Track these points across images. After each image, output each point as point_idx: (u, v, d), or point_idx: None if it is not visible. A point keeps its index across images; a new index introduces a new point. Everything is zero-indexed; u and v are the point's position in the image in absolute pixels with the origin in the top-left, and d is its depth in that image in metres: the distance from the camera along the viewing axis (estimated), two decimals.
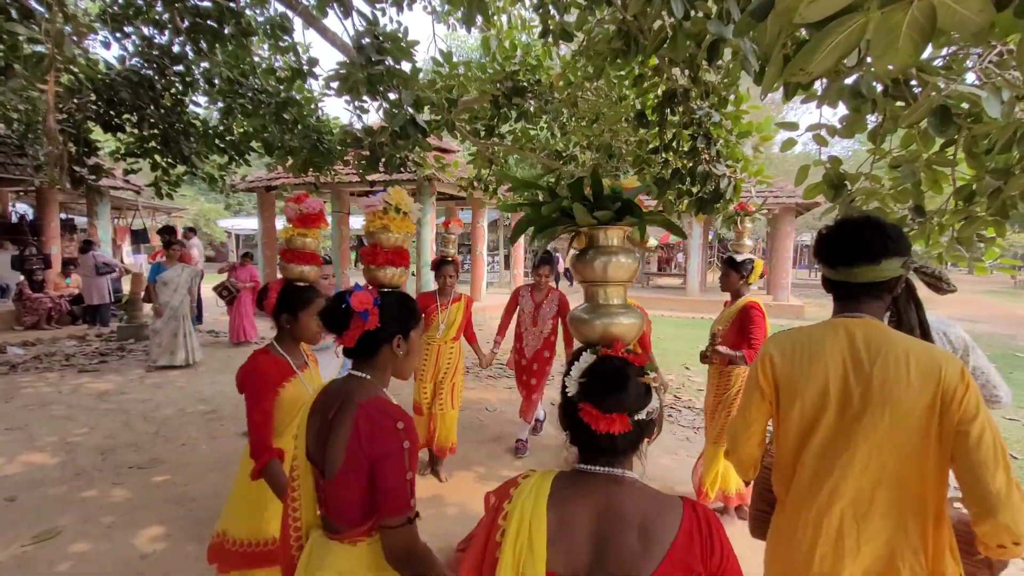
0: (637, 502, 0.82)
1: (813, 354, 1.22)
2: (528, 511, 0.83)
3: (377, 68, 2.67)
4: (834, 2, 0.65)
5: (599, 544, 0.80)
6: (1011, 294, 18.24)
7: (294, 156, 4.04)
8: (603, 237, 0.94)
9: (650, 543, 0.78)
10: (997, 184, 2.04)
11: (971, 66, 1.90)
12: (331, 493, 1.12)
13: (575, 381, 0.85)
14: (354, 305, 1.12)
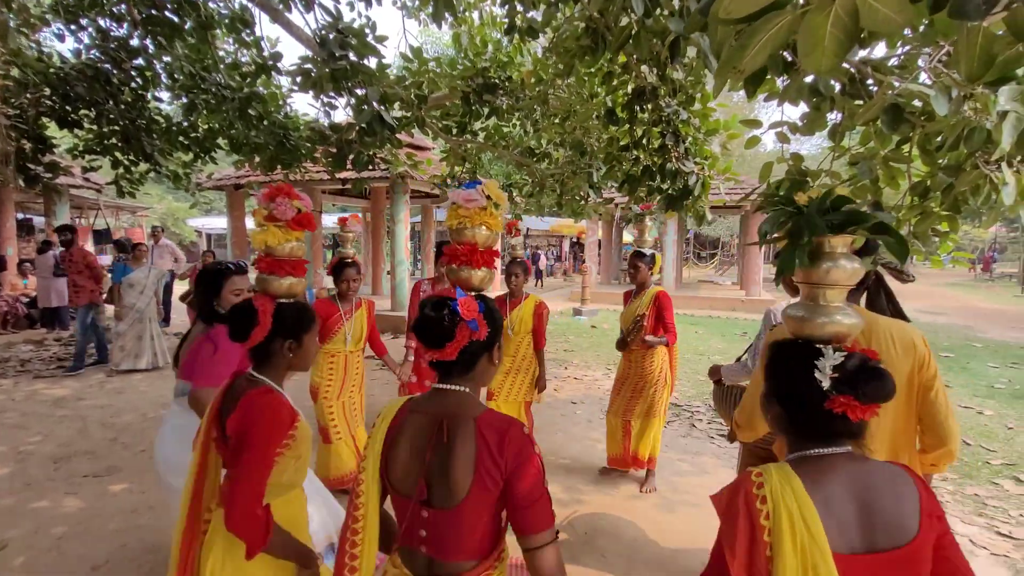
0: (879, 471, 0.91)
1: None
2: (793, 503, 0.86)
3: (340, 63, 2.62)
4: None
5: (866, 515, 0.86)
6: (971, 286, 19.00)
7: (260, 153, 3.95)
8: (828, 244, 0.97)
9: (903, 504, 0.87)
10: (949, 180, 2.10)
11: (922, 65, 1.96)
12: (448, 526, 0.99)
13: (827, 375, 0.90)
14: (463, 314, 1.02)
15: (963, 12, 0.91)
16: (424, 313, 1.05)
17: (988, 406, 5.06)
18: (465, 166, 5.36)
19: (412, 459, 1.03)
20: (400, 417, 1.08)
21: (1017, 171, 2.01)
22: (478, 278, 1.23)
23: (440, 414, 1.04)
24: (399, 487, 1.04)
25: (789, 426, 0.96)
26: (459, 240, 1.25)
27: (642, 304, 3.22)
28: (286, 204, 1.38)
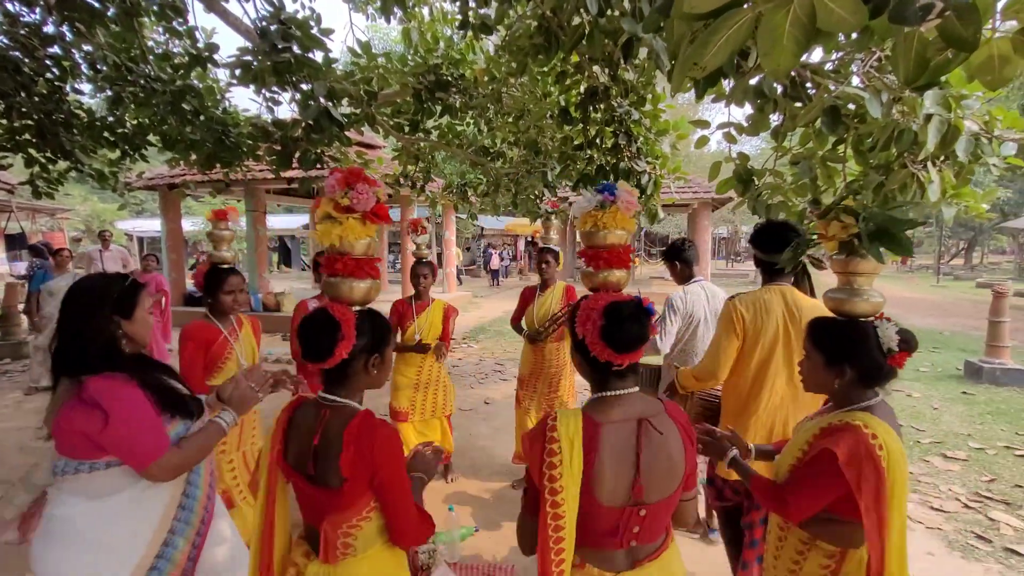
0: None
1: (769, 311, 1.98)
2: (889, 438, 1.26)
3: (283, 56, 2.49)
4: None
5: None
6: (894, 278, 20.57)
7: (196, 151, 3.70)
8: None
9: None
10: (880, 179, 2.23)
11: (856, 70, 2.07)
12: (662, 514, 1.15)
13: (893, 338, 1.30)
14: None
15: (902, 17, 0.95)
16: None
17: (916, 388, 5.47)
18: (418, 165, 5.25)
19: (622, 469, 1.09)
20: (598, 434, 1.10)
21: (940, 170, 2.16)
22: (615, 278, 1.32)
23: (638, 415, 1.13)
24: (608, 499, 1.09)
25: (858, 382, 1.32)
26: (594, 244, 1.35)
27: (554, 299, 3.35)
28: (368, 192, 1.19)
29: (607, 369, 1.12)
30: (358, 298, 1.25)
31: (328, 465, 1.15)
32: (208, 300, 2.28)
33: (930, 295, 14.53)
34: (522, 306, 3.52)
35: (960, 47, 1.00)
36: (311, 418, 1.21)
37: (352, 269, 1.21)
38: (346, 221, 1.19)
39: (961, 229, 24.01)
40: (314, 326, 1.17)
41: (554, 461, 1.05)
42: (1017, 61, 1.06)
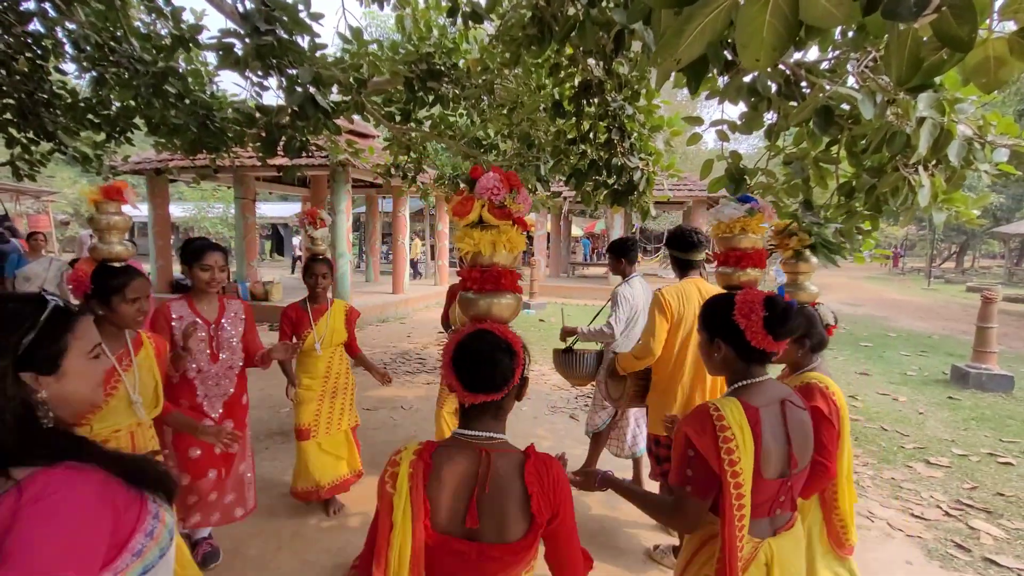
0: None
1: (688, 299, 2.43)
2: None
3: (266, 39, 2.41)
4: None
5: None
6: (885, 280, 20.68)
7: (180, 136, 3.62)
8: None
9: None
10: (872, 181, 2.20)
11: (850, 70, 2.03)
12: (798, 481, 1.32)
13: (829, 316, 1.69)
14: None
15: (896, 13, 0.90)
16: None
17: (902, 392, 5.49)
18: (410, 155, 5.18)
19: (777, 445, 1.25)
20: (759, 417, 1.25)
21: (932, 174, 2.13)
22: (749, 276, 1.58)
23: (780, 397, 1.31)
24: (770, 473, 1.24)
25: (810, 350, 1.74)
26: (735, 246, 1.60)
27: None
28: (528, 197, 1.11)
29: (760, 357, 1.29)
30: (507, 316, 1.12)
31: (502, 515, 0.99)
32: (100, 311, 1.69)
33: (920, 298, 14.63)
34: (450, 303, 3.45)
35: (955, 47, 0.95)
36: (465, 464, 1.02)
37: (501, 282, 1.09)
38: (508, 228, 1.09)
39: (953, 233, 24.17)
40: (488, 350, 1.02)
41: (731, 447, 1.19)
42: (1014, 63, 1.02)
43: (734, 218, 1.56)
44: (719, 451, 1.19)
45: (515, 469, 1.02)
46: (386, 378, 2.91)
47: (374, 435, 4.06)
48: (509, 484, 1.00)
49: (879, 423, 4.54)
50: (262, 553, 2.52)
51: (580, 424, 4.51)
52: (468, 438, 1.06)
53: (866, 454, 3.90)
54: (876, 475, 3.57)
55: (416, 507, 0.97)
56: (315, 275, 2.76)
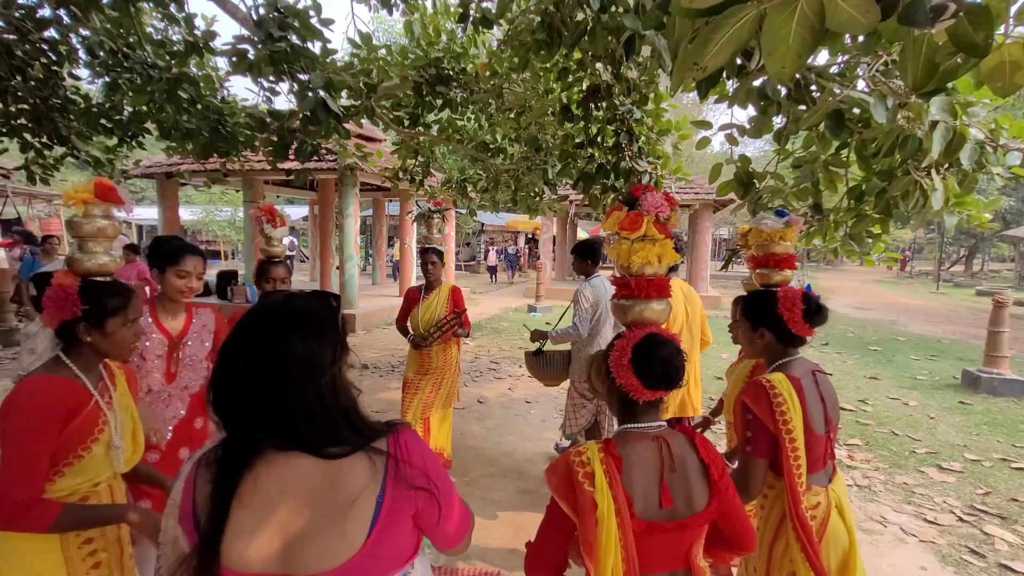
0: None
1: (675, 296, 2.63)
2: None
3: (280, 45, 2.44)
4: None
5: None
6: (893, 283, 20.53)
7: (192, 140, 3.66)
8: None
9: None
10: (882, 185, 2.20)
11: (861, 74, 2.03)
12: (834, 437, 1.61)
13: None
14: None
15: (912, 19, 0.91)
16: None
17: (912, 397, 5.44)
18: (418, 159, 5.20)
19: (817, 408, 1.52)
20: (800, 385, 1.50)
21: (944, 178, 2.12)
22: (790, 277, 1.74)
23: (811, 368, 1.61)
24: (817, 430, 1.49)
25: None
26: (771, 252, 1.75)
27: (440, 302, 3.27)
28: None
29: (797, 342, 1.57)
30: (660, 320, 1.27)
31: (689, 490, 1.11)
32: (87, 337, 1.33)
33: (929, 301, 14.51)
34: (407, 307, 3.38)
35: (971, 52, 0.96)
36: (649, 453, 1.12)
37: (658, 290, 1.25)
38: (667, 242, 1.25)
39: (962, 236, 23.98)
40: (669, 351, 1.14)
41: (783, 409, 1.43)
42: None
43: (775, 229, 1.81)
44: (774, 414, 1.43)
45: (688, 446, 1.16)
46: None
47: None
48: (689, 460, 1.14)
49: (890, 427, 4.50)
50: None
51: None
52: (642, 430, 1.16)
53: (878, 459, 3.87)
54: (888, 480, 3.54)
55: (619, 500, 1.04)
56: (273, 280, 2.31)
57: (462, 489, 3.30)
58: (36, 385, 1.24)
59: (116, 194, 1.44)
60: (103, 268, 1.41)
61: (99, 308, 1.32)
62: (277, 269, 2.36)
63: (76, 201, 1.41)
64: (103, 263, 1.41)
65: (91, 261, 1.39)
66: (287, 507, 0.77)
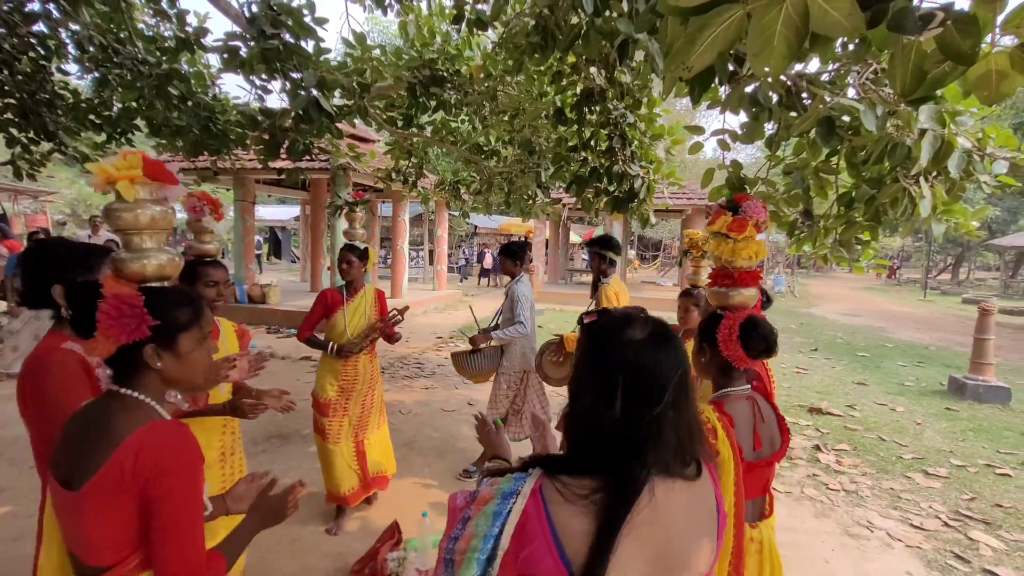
0: None
1: (622, 291, 3.31)
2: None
3: (272, 43, 2.42)
4: None
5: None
6: (882, 290, 20.75)
7: (183, 137, 3.62)
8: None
9: None
10: (871, 192, 2.22)
11: (851, 82, 2.05)
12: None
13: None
14: None
15: (901, 26, 0.92)
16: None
17: (899, 403, 5.49)
18: (411, 160, 5.19)
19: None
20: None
21: (932, 186, 2.14)
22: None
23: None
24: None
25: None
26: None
27: (368, 304, 2.93)
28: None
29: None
30: (750, 304, 1.54)
31: (772, 435, 1.49)
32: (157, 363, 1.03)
33: (917, 309, 14.68)
34: (319, 313, 2.85)
35: (959, 60, 0.96)
36: (745, 410, 1.43)
37: (752, 279, 1.54)
38: (759, 242, 1.52)
39: (949, 244, 24.30)
40: (769, 327, 1.44)
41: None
42: (1015, 77, 1.03)
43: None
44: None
45: (766, 403, 1.47)
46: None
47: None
48: (767, 413, 1.44)
49: (877, 433, 4.54)
50: (262, 558, 2.50)
51: None
52: (739, 392, 1.44)
53: (865, 463, 3.90)
54: (875, 485, 3.56)
55: (734, 448, 1.32)
56: (214, 283, 1.88)
57: (452, 491, 3.27)
58: (176, 435, 0.96)
59: (168, 172, 1.06)
60: (162, 271, 1.04)
61: (170, 323, 1.01)
62: (217, 271, 1.89)
63: (116, 179, 0.99)
64: (161, 263, 1.04)
65: (147, 261, 1.02)
66: (665, 533, 0.74)
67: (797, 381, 6.26)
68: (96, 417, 0.97)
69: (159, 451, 0.92)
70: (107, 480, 0.89)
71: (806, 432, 4.53)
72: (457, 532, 0.77)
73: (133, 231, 1.02)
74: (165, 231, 1.08)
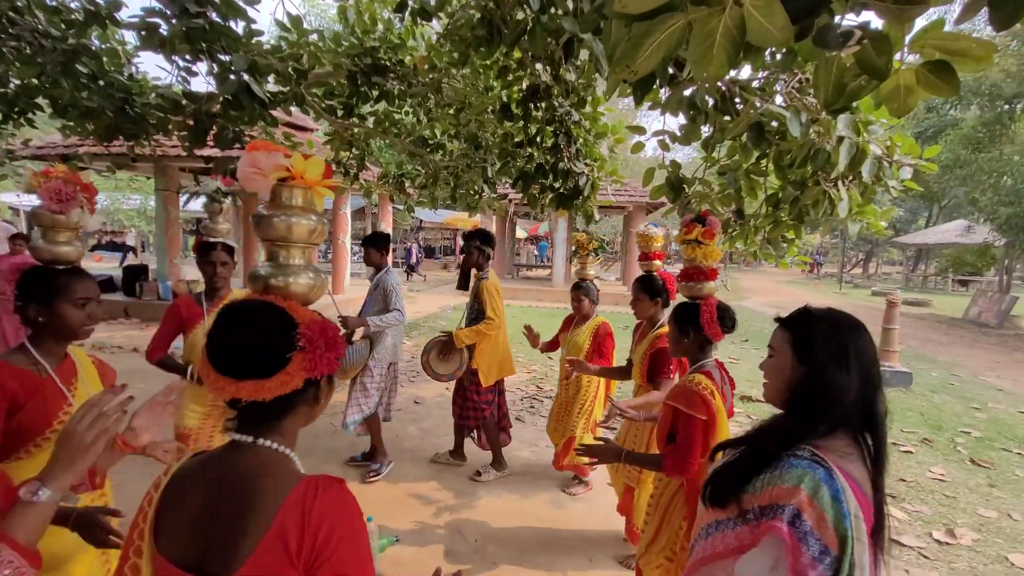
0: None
1: (499, 288, 3.54)
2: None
3: (197, 22, 2.25)
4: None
5: None
6: (803, 284, 22.39)
7: (94, 120, 3.30)
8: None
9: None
10: (796, 194, 2.37)
11: (779, 89, 2.18)
12: None
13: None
14: None
15: (825, 42, 0.98)
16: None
17: None
18: (352, 152, 5.01)
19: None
20: None
21: (848, 189, 2.32)
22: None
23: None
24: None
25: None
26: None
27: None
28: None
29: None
30: (714, 292, 1.89)
31: (732, 391, 2.06)
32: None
33: (833, 301, 15.87)
34: (172, 329, 2.41)
35: (873, 75, 1.04)
36: (718, 374, 1.88)
37: (712, 274, 1.89)
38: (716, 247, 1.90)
39: (861, 242, 26.59)
40: (732, 309, 1.86)
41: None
42: (919, 92, 1.12)
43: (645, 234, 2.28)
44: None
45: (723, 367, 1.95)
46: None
47: (316, 442, 3.90)
48: (726, 375, 1.96)
49: None
50: None
51: (527, 425, 4.53)
52: (713, 362, 1.86)
53: None
54: None
55: (724, 406, 1.76)
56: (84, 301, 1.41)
57: (397, 494, 3.21)
58: (339, 493, 0.84)
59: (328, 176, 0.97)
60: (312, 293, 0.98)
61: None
62: (86, 285, 1.42)
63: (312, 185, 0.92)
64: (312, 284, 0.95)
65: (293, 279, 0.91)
66: None
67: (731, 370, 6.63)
68: (232, 481, 0.77)
69: (326, 516, 0.76)
70: (264, 562, 0.72)
71: (738, 419, 4.80)
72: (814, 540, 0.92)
73: (283, 243, 0.88)
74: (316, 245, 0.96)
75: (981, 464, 3.96)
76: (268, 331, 0.77)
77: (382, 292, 3.44)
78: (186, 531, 0.76)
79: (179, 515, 0.77)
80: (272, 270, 0.86)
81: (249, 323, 0.78)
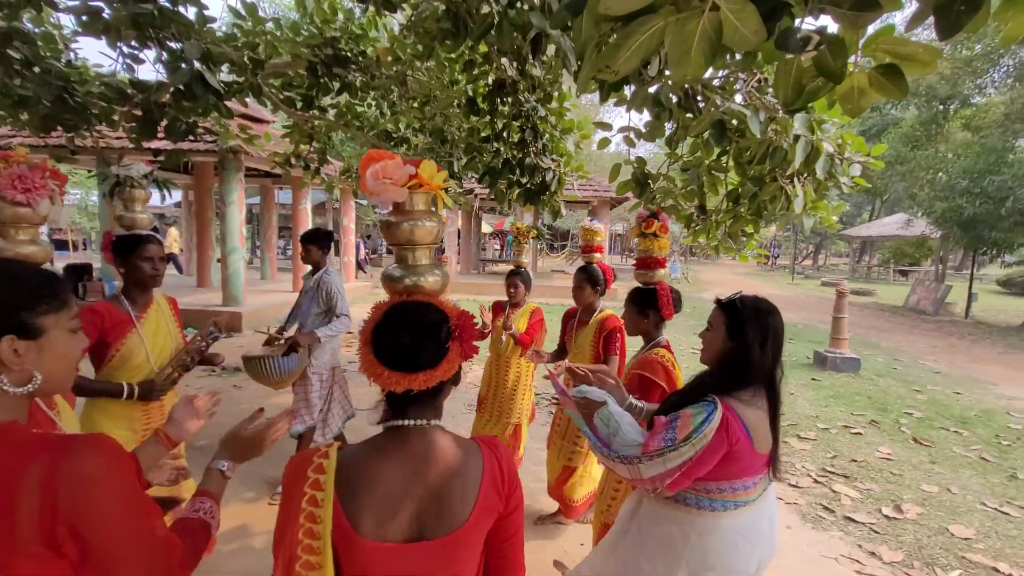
0: None
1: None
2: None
3: (144, 7, 2.12)
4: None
5: None
6: (758, 275, 23.28)
7: (28, 108, 3.07)
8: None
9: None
10: (754, 190, 2.46)
11: (739, 88, 2.24)
12: None
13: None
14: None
15: (785, 45, 1.01)
16: None
17: None
18: (312, 145, 4.86)
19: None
20: None
21: (803, 185, 2.42)
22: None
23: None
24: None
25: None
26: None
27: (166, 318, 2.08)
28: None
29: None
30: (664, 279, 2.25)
31: None
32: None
33: (786, 291, 16.66)
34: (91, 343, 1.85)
35: (830, 77, 1.08)
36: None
37: (663, 264, 2.26)
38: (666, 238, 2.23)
39: (812, 235, 27.91)
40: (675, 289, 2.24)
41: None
42: (872, 93, 1.18)
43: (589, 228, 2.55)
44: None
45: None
46: None
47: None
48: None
49: None
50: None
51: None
52: (663, 341, 2.14)
53: None
54: None
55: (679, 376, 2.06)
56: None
57: None
58: (502, 444, 1.03)
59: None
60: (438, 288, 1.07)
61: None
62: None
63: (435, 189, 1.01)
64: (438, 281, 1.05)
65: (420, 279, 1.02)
66: None
67: (692, 360, 6.84)
68: (437, 459, 0.90)
69: (508, 461, 0.96)
70: (487, 503, 0.91)
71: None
72: (672, 429, 1.32)
73: (411, 246, 0.97)
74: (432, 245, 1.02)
75: (923, 443, 4.23)
76: (434, 327, 0.89)
77: (325, 294, 3.11)
78: (394, 509, 0.84)
79: (379, 498, 0.85)
80: (405, 271, 0.96)
81: (418, 321, 0.90)
